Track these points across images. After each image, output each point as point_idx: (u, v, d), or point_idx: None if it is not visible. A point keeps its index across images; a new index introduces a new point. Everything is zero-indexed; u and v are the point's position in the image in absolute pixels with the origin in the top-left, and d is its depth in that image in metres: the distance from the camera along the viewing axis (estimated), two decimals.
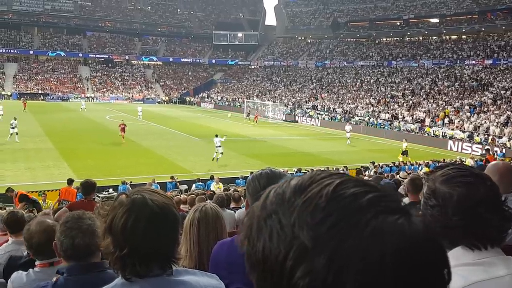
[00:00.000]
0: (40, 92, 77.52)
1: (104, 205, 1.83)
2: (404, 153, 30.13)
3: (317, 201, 0.61)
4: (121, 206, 1.70)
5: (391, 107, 52.41)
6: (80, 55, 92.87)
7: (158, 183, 19.07)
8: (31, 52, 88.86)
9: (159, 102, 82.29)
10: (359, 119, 50.56)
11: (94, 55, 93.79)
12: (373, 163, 24.18)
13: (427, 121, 44.71)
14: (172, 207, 1.77)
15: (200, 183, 20.05)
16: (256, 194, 2.24)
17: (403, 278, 0.56)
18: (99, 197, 17.20)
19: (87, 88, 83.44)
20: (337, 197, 0.61)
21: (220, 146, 26.61)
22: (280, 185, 0.68)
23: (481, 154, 31.73)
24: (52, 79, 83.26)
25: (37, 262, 3.15)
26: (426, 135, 42.05)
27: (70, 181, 15.88)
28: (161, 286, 1.70)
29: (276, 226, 0.62)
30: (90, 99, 78.29)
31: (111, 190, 18.09)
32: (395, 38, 76.89)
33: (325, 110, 58.27)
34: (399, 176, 15.67)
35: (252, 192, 2.28)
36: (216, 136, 27.27)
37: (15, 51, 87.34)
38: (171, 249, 1.74)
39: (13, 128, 30.32)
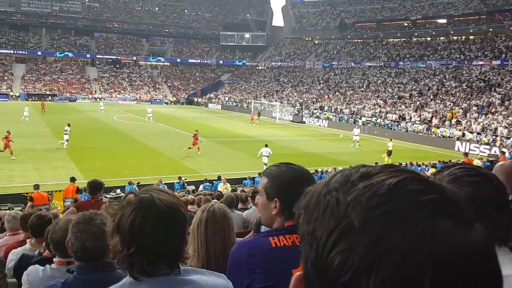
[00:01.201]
0: (48, 93, 77.76)
1: (112, 205, 1.85)
2: (389, 153, 30.10)
3: (377, 188, 0.62)
4: (129, 205, 1.71)
5: (398, 108, 52.30)
6: (88, 56, 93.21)
7: (165, 183, 19.09)
8: (39, 53, 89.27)
9: (166, 103, 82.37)
10: (366, 120, 50.49)
11: (101, 56, 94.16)
12: (376, 164, 24.10)
13: (435, 121, 44.58)
14: (180, 206, 1.78)
15: (208, 183, 20.11)
16: (283, 184, 2.13)
17: (441, 285, 0.55)
18: (106, 197, 17.28)
19: (95, 89, 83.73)
20: (398, 189, 0.61)
21: (267, 156, 26.67)
22: (350, 169, 0.70)
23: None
24: (60, 80, 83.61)
25: (55, 259, 3.18)
26: (434, 135, 41.92)
27: (72, 179, 16.12)
28: (169, 285, 1.70)
29: (332, 202, 0.63)
30: (98, 99, 78.64)
31: (118, 190, 18.12)
32: (402, 39, 76.71)
33: (332, 111, 58.23)
34: None
35: (278, 183, 2.15)
36: (266, 146, 27.50)
37: (23, 52, 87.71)
38: (179, 248, 1.75)
39: (66, 134, 30.15)
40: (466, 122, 42.10)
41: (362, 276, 0.56)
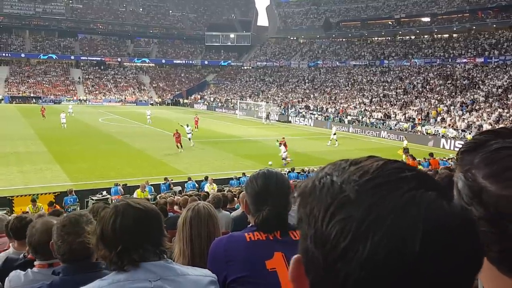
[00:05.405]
0: (32, 95, 77.23)
1: (88, 224, 2.02)
2: (406, 150, 30.60)
3: (367, 168, 0.68)
4: (106, 213, 1.89)
5: (384, 106, 52.59)
6: (72, 57, 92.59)
7: (151, 185, 19.05)
8: (22, 55, 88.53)
9: (152, 104, 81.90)
10: (352, 119, 50.73)
11: (86, 58, 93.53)
12: None
13: (420, 119, 44.89)
14: (151, 205, 2.00)
15: (191, 181, 20.03)
16: (254, 193, 2.33)
17: (427, 250, 0.59)
18: (92, 199, 17.24)
19: (80, 91, 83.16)
20: (385, 168, 0.68)
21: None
22: (339, 160, 0.75)
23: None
24: (44, 82, 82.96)
25: (36, 262, 3.13)
26: (419, 133, 42.21)
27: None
28: (161, 269, 1.87)
29: (327, 183, 0.69)
30: (83, 101, 78.15)
31: (104, 192, 18.06)
32: (386, 38, 77.13)
33: (318, 110, 58.41)
34: None
35: (250, 192, 2.35)
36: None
37: (7, 54, 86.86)
38: (159, 240, 1.94)
39: (189, 133, 33.80)
40: (451, 120, 42.46)
41: (361, 239, 0.60)
